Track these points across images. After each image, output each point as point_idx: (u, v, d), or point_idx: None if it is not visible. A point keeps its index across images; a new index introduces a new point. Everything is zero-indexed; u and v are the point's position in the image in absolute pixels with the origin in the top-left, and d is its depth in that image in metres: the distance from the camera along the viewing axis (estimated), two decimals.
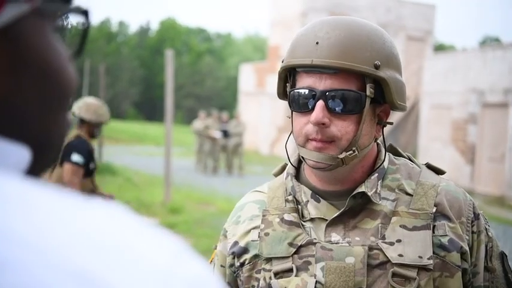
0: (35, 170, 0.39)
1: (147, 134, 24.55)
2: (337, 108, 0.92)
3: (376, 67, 0.91)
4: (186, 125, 31.38)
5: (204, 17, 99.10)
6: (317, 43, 0.92)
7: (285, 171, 1.08)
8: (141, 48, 45.54)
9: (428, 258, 0.92)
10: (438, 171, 1.05)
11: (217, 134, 12.78)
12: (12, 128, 0.37)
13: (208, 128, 12.92)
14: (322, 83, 0.92)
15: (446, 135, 12.47)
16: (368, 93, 0.92)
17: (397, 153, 1.08)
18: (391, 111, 1.01)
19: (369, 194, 0.96)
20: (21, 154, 0.37)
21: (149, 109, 42.38)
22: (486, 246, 0.99)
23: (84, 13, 0.43)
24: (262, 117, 19.37)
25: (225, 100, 40.25)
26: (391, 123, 1.02)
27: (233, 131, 12.86)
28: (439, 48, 31.14)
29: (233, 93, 36.79)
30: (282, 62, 0.99)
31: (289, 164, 1.08)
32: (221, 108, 21.86)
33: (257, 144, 19.61)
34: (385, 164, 1.02)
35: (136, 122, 35.03)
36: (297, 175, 1.06)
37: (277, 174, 1.12)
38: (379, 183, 0.99)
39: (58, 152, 0.41)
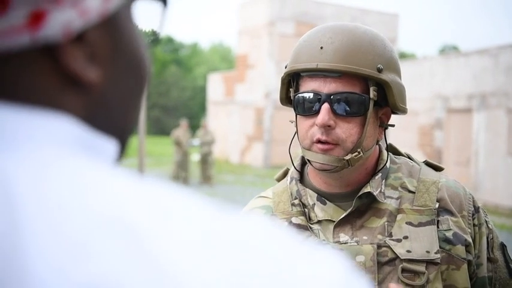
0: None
1: None
2: (341, 111, 0.94)
3: (379, 70, 0.94)
4: (152, 136, 30.97)
5: (169, 26, 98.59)
6: (321, 48, 0.94)
7: (288, 176, 1.09)
8: None
9: (436, 253, 0.95)
10: (437, 168, 1.08)
11: (196, 142, 12.74)
12: (106, 120, 0.35)
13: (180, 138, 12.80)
14: (326, 87, 0.94)
15: (414, 141, 12.77)
16: (371, 95, 0.94)
17: (396, 152, 1.10)
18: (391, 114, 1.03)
19: (375, 193, 0.98)
20: (113, 148, 0.35)
21: None
22: (487, 238, 1.02)
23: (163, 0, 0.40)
24: (232, 126, 19.36)
25: (191, 110, 40.00)
26: (392, 126, 1.04)
27: (202, 140, 12.78)
28: (401, 56, 31.93)
29: (200, 102, 36.64)
30: (285, 67, 1.00)
31: (292, 168, 1.10)
32: (189, 118, 21.70)
33: (227, 153, 19.56)
34: (387, 163, 1.04)
35: None
36: (301, 179, 1.08)
37: (279, 179, 1.13)
38: (383, 182, 1.01)
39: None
